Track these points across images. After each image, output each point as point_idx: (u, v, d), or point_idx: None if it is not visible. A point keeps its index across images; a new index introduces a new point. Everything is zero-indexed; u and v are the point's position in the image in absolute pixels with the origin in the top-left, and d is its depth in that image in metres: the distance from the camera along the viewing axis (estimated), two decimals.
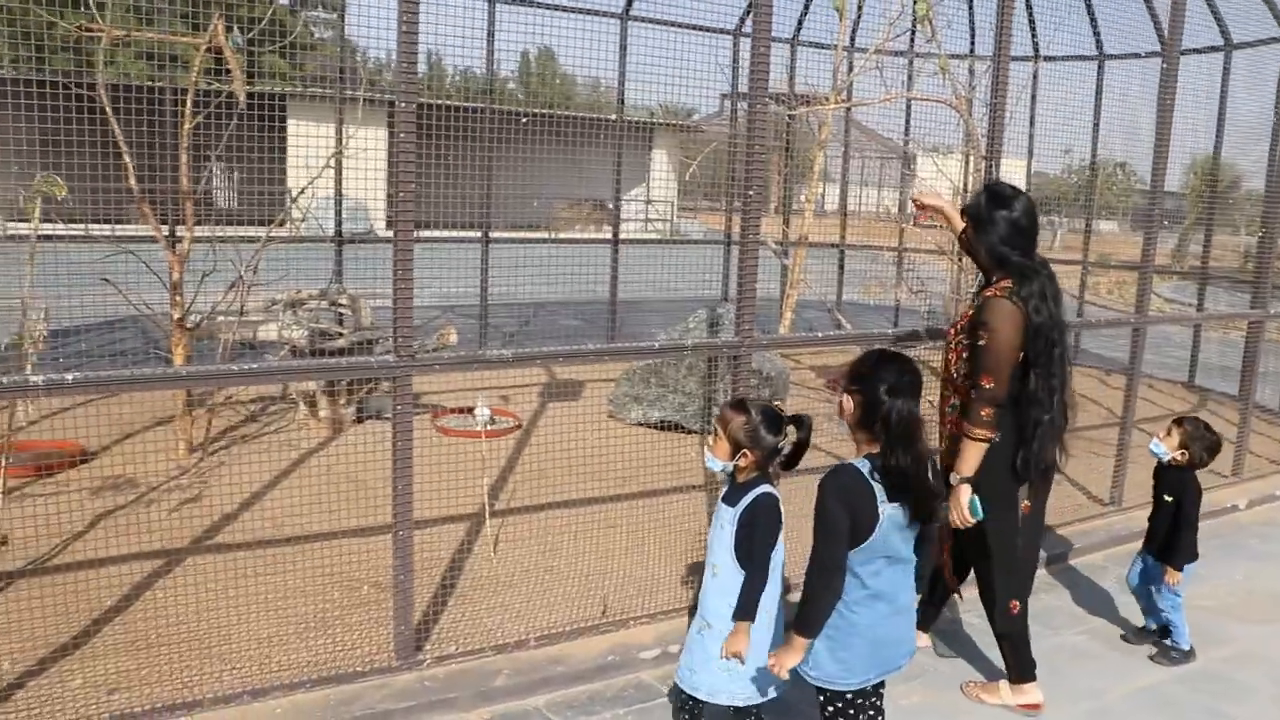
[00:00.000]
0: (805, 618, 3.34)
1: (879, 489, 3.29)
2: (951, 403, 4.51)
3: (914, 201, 4.99)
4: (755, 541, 3.66)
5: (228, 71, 7.01)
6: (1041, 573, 6.23)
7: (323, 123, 11.09)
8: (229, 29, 7.53)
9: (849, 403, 3.42)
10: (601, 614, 5.05)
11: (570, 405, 8.47)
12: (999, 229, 4.36)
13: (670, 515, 6.09)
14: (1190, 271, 15.12)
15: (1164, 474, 5.20)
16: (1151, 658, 5.20)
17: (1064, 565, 6.37)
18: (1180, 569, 5.05)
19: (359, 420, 8.20)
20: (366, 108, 8.16)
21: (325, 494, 5.80)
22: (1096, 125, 12.09)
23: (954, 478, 4.27)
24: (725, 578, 3.73)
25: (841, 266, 13.39)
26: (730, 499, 3.80)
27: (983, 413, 4.19)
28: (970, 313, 4.45)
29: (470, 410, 7.88)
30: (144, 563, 5.28)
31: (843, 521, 3.25)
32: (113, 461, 6.78)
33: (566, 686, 4.60)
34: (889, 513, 3.29)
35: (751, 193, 5.09)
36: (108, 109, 6.62)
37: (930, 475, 3.36)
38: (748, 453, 3.69)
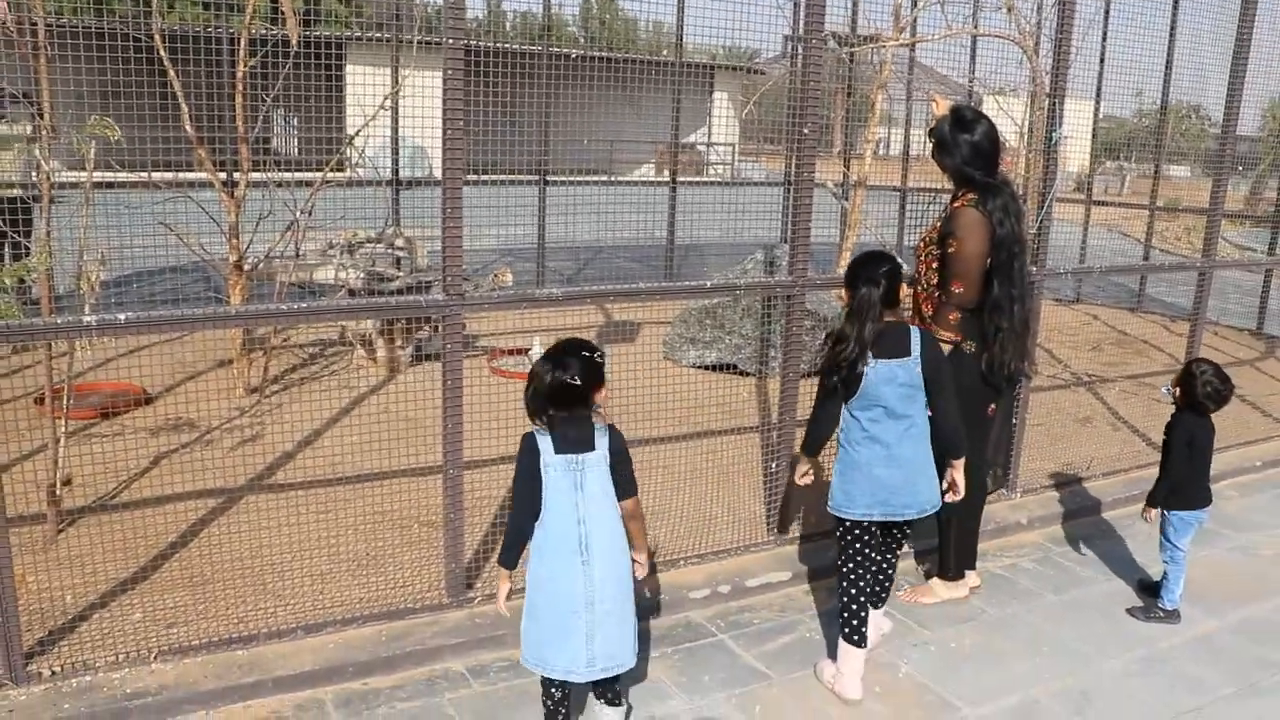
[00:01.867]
0: (805, 440, 4.22)
1: (870, 352, 3.94)
2: (924, 314, 4.74)
3: (932, 101, 5.14)
4: None
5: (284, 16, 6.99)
6: (1105, 516, 6.16)
7: (382, 67, 11.11)
8: None
9: (844, 294, 4.08)
10: (652, 554, 5.04)
11: (626, 347, 8.44)
12: (962, 151, 4.59)
13: (724, 457, 6.07)
14: (1264, 217, 14.57)
15: (1173, 417, 4.94)
16: (1129, 610, 4.97)
17: (1124, 511, 6.25)
18: (1154, 506, 4.81)
19: (417, 361, 8.25)
20: (424, 51, 8.11)
21: (380, 434, 5.85)
22: (1169, 64, 11.66)
23: None
24: None
25: (903, 209, 13.15)
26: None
27: (950, 317, 4.53)
28: (938, 224, 4.70)
29: (525, 352, 7.91)
30: (203, 501, 5.37)
31: (831, 373, 4.01)
32: (174, 402, 6.90)
33: None
34: (875, 366, 3.93)
35: (806, 131, 4.99)
36: (163, 55, 6.66)
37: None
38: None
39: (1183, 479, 4.80)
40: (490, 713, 3.97)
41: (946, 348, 4.47)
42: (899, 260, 4.13)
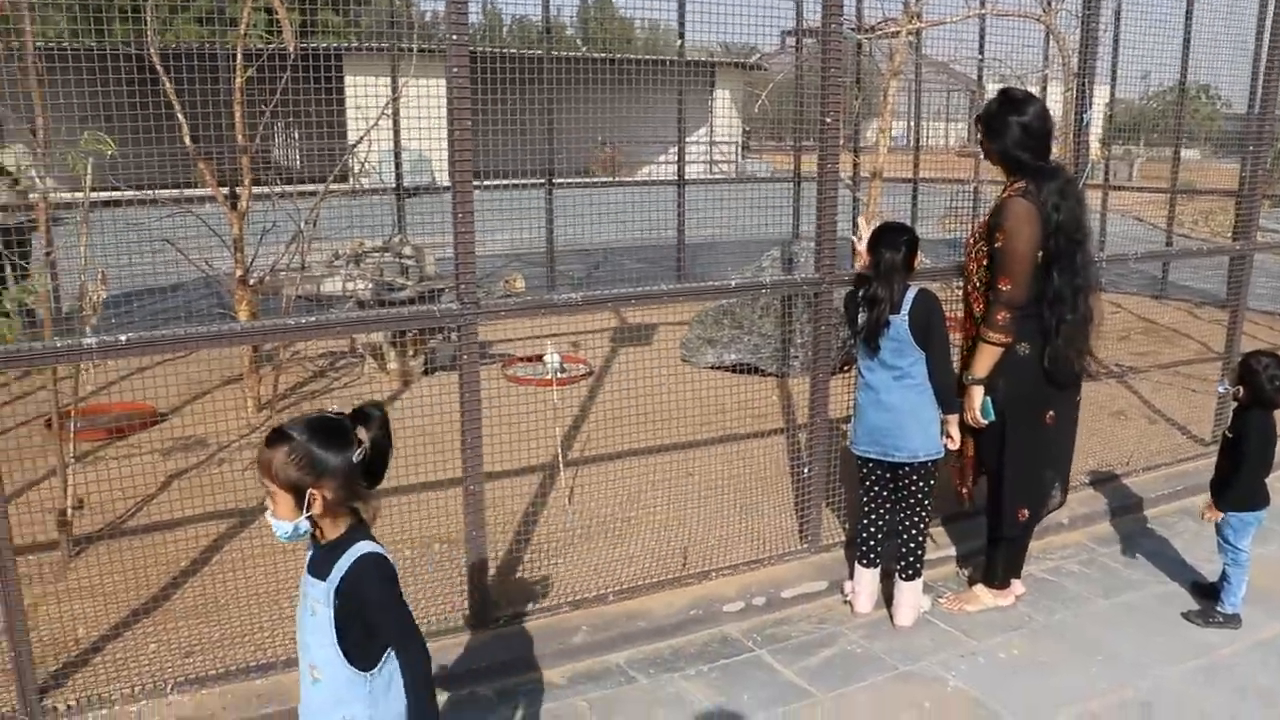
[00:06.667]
0: None
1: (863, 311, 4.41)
2: (975, 313, 4.51)
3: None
4: (383, 621, 2.55)
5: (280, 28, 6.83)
6: (1149, 513, 5.93)
7: (381, 77, 11.00)
8: None
9: (864, 254, 4.49)
10: (682, 566, 4.86)
11: (642, 350, 8.26)
12: (1011, 133, 4.32)
13: (749, 461, 5.88)
14: None
15: (1237, 414, 4.67)
16: (1185, 614, 4.73)
17: (1169, 508, 6.03)
18: (1224, 510, 4.54)
19: (427, 372, 8.07)
20: (422, 59, 7.96)
21: (395, 448, 5.66)
22: (1187, 42, 11.36)
23: (966, 378, 4.42)
24: (333, 684, 2.57)
25: (915, 201, 12.95)
26: (318, 569, 2.57)
27: (998, 316, 4.26)
28: (987, 218, 4.45)
29: (540, 358, 7.72)
30: (216, 524, 5.20)
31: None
32: (184, 422, 6.74)
33: (648, 642, 4.43)
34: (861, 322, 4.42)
35: (828, 120, 4.80)
36: (159, 70, 6.50)
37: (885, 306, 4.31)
38: (315, 492, 2.49)
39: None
40: None
41: (998, 350, 4.29)
42: (916, 232, 4.45)
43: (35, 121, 5.12)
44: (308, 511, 2.49)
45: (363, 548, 2.54)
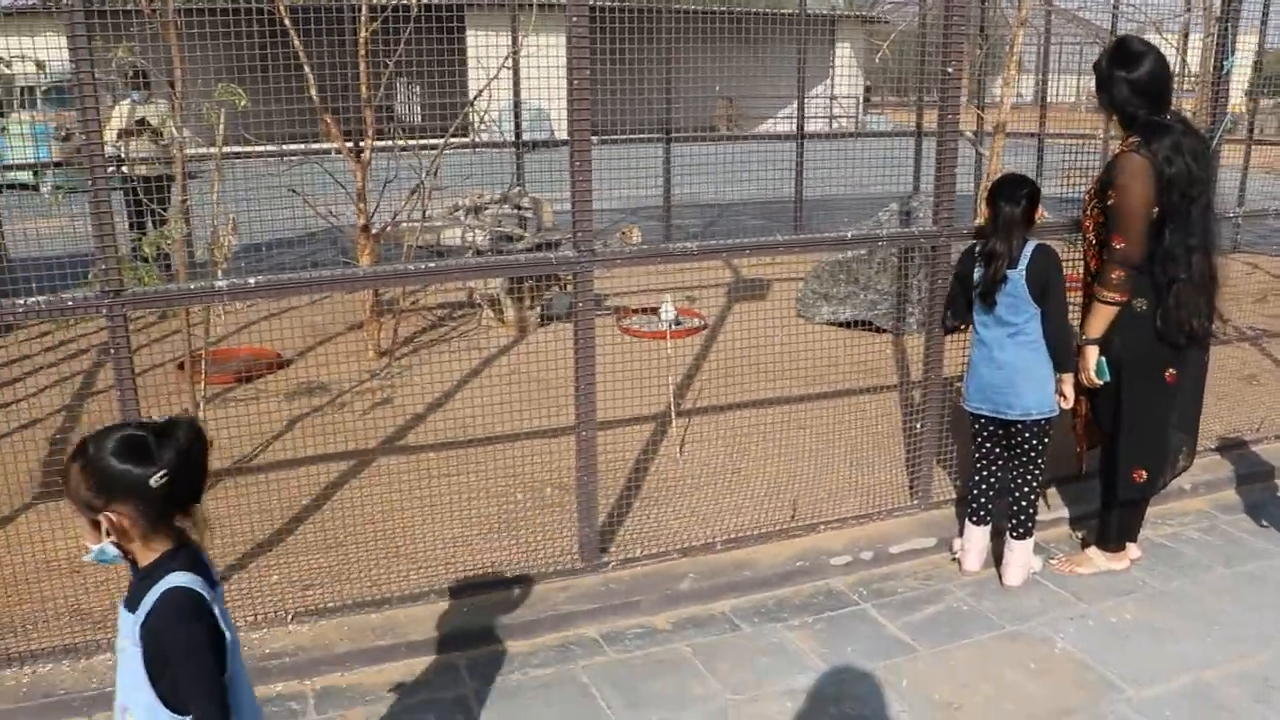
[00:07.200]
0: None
1: (980, 266, 4.31)
2: (1092, 272, 4.41)
3: None
4: (181, 670, 2.13)
5: None
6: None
7: (501, 32, 11.12)
8: None
9: (985, 209, 4.39)
10: (791, 518, 4.87)
11: (757, 305, 8.22)
12: (1120, 90, 4.23)
13: (861, 417, 5.84)
14: None
15: None
16: None
17: None
18: None
19: (543, 321, 8.19)
20: (542, 14, 8.02)
21: (510, 396, 5.78)
22: None
23: (1082, 338, 4.33)
24: None
25: (1040, 156, 12.57)
26: (130, 599, 2.21)
27: (1113, 275, 4.15)
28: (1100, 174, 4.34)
29: (655, 310, 7.76)
30: (336, 464, 5.38)
31: (954, 284, 4.53)
32: (307, 366, 6.96)
33: (754, 591, 4.46)
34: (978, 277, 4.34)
35: (950, 70, 4.70)
36: (288, 24, 6.66)
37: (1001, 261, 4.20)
38: (110, 515, 2.11)
39: None
40: (627, 681, 3.86)
41: (1112, 310, 4.18)
42: (1038, 185, 4.35)
43: (174, 74, 5.33)
44: (108, 537, 2.14)
45: (170, 581, 2.14)
